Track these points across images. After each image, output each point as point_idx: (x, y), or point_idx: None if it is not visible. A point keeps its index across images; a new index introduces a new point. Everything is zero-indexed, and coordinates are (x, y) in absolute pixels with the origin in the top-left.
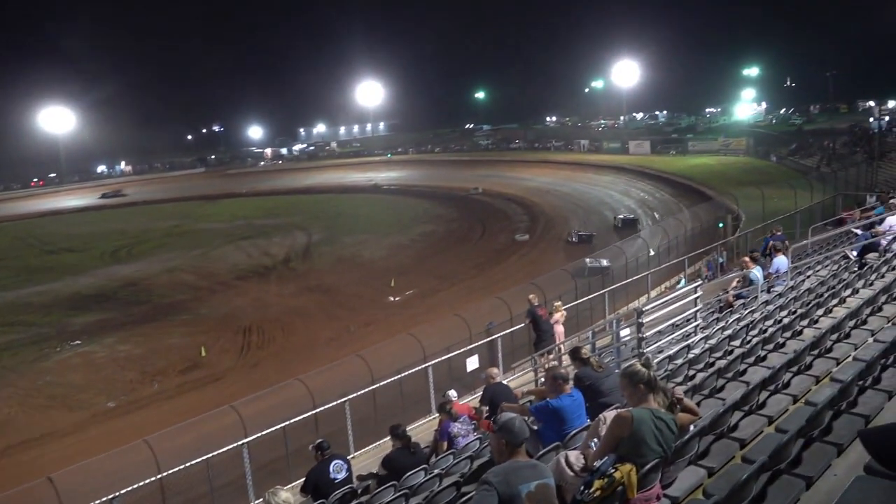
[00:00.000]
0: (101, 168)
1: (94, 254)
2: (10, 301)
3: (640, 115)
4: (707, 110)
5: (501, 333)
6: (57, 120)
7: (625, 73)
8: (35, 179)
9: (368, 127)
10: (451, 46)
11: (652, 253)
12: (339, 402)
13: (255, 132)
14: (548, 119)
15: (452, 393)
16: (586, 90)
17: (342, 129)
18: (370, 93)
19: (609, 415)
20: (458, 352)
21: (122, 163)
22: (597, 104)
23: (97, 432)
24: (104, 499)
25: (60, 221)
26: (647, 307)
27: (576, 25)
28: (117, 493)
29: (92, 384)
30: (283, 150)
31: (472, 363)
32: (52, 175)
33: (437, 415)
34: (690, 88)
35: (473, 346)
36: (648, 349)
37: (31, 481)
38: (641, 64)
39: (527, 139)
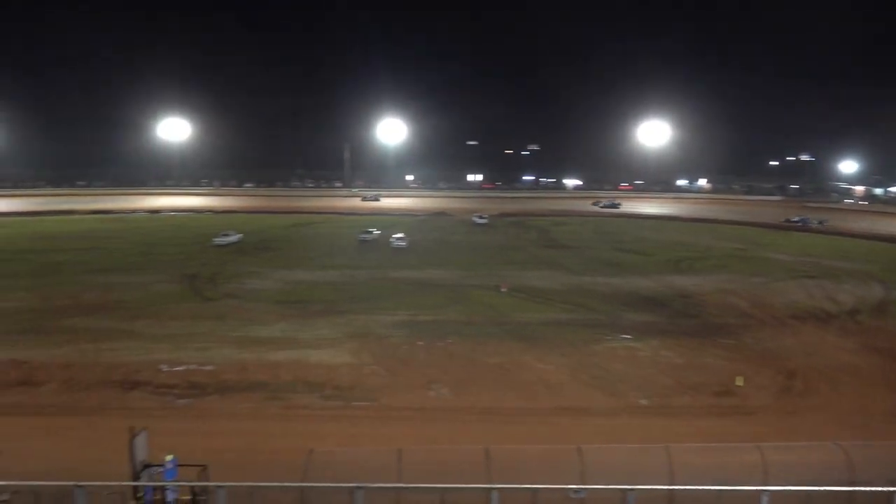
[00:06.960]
0: (683, 181)
1: (658, 259)
2: (581, 285)
3: None
4: None
5: None
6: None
7: None
8: (624, 183)
9: None
10: None
11: None
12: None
13: (848, 166)
14: None
15: None
16: None
17: None
18: None
19: None
20: None
21: (702, 179)
22: None
23: (625, 422)
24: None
25: (633, 224)
26: None
27: None
28: (631, 487)
29: (630, 377)
30: (877, 191)
31: None
32: (639, 182)
33: None
34: None
35: None
36: None
37: (562, 444)
38: None
39: None
